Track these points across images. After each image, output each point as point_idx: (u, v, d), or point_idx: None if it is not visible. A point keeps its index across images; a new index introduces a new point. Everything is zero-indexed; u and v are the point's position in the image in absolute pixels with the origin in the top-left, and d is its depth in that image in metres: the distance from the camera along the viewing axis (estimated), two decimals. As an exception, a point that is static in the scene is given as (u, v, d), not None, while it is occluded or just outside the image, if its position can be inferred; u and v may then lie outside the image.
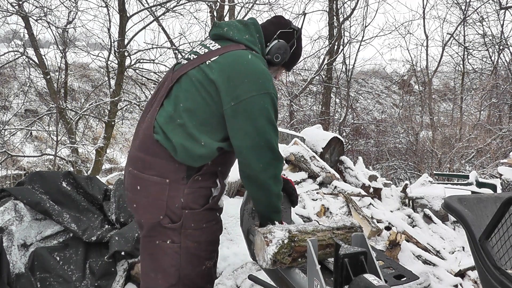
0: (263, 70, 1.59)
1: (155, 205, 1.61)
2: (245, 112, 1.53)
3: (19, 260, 2.44)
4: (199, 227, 1.64)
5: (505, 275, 1.62)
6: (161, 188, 1.59)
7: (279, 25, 1.78)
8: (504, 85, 12.90)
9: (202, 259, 1.69)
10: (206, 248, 1.69)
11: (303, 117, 12.58)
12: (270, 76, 1.60)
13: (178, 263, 1.65)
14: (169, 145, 1.58)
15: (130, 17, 8.28)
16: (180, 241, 1.63)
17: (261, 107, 1.54)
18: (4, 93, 10.90)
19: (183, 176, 1.59)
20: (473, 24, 13.27)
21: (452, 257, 3.52)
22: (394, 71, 16.59)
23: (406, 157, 12.14)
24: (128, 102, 9.50)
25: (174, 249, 1.64)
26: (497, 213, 1.61)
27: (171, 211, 1.60)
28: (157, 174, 1.60)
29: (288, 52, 1.76)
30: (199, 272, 1.69)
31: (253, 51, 1.66)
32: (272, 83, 1.60)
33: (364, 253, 1.36)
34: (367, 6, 11.66)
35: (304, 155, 4.18)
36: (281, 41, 1.74)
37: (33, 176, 2.76)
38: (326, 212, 3.66)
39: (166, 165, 1.59)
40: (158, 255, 1.68)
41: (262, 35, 1.72)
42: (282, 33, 1.76)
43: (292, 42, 1.78)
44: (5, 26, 8.29)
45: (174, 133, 1.58)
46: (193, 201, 1.62)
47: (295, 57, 1.83)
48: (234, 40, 1.65)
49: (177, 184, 1.59)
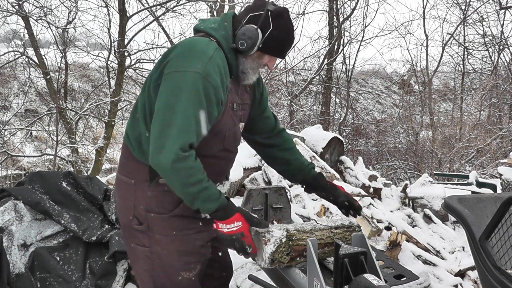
0: (199, 51, 1.43)
1: (125, 205, 1.60)
2: (161, 88, 1.42)
3: (19, 260, 2.44)
4: (168, 234, 1.55)
5: (505, 275, 1.62)
6: (128, 189, 1.58)
7: (252, 8, 1.55)
8: (504, 85, 12.89)
9: (176, 269, 1.59)
10: (179, 258, 1.58)
11: (303, 117, 12.57)
12: (206, 57, 1.42)
13: (151, 268, 1.60)
14: (129, 142, 1.58)
15: (130, 17, 8.28)
16: (150, 245, 1.58)
17: (172, 85, 1.40)
18: (4, 93, 10.90)
19: (146, 177, 1.53)
20: (473, 24, 13.26)
21: (452, 257, 3.51)
22: (394, 71, 16.57)
23: (406, 157, 12.13)
24: (128, 102, 9.51)
25: (145, 253, 1.59)
26: (497, 213, 1.61)
27: (137, 213, 1.56)
28: (126, 174, 1.60)
29: (258, 36, 1.50)
30: (176, 282, 1.60)
31: (212, 37, 1.52)
32: (206, 63, 1.41)
33: (364, 253, 1.36)
34: (367, 6, 11.64)
35: (304, 155, 4.17)
36: (248, 25, 1.51)
37: (33, 176, 2.75)
38: (326, 212, 3.66)
39: (131, 165, 1.58)
40: (133, 258, 1.67)
41: (230, 23, 1.56)
42: (253, 16, 1.52)
43: (266, 24, 1.51)
44: (5, 26, 8.31)
45: (131, 129, 1.57)
46: (157, 205, 1.54)
47: (277, 39, 1.54)
48: (201, 30, 1.58)
49: (141, 185, 1.55)
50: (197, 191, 1.41)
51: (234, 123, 1.62)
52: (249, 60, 1.56)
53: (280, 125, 1.93)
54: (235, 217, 1.49)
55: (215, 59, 1.44)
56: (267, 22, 1.51)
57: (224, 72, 1.48)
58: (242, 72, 1.58)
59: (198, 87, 1.39)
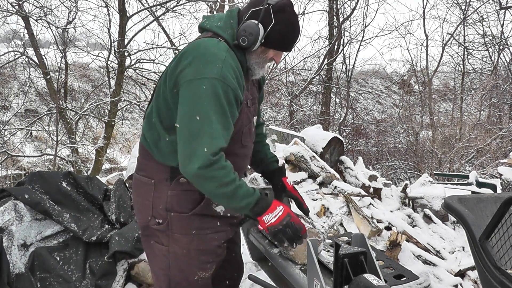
0: (211, 54, 1.42)
1: (144, 205, 1.61)
2: (181, 97, 1.42)
3: (19, 260, 2.43)
4: (187, 233, 1.57)
5: (505, 275, 1.62)
6: (148, 189, 1.58)
7: (254, 3, 1.52)
8: (504, 85, 12.89)
9: (193, 269, 1.61)
10: (197, 257, 1.60)
11: (303, 117, 12.57)
12: (219, 60, 1.42)
13: (167, 267, 1.61)
14: (147, 145, 1.59)
15: (130, 17, 8.28)
16: (168, 245, 1.59)
17: (192, 94, 1.39)
18: (4, 93, 10.90)
19: (166, 177, 1.55)
20: (473, 24, 13.26)
21: (452, 257, 3.51)
22: (394, 71, 16.56)
23: (406, 157, 12.13)
24: (128, 102, 9.51)
25: (162, 251, 1.61)
26: (497, 213, 1.61)
27: (157, 213, 1.57)
28: (146, 174, 1.60)
29: (259, 31, 1.48)
30: (192, 282, 1.61)
31: (220, 37, 1.52)
32: (221, 66, 1.41)
33: (364, 253, 1.36)
34: (367, 6, 11.65)
35: (304, 155, 4.17)
36: (249, 21, 1.49)
37: (33, 176, 2.75)
38: (326, 212, 3.66)
39: (151, 166, 1.59)
40: (151, 255, 1.68)
41: (236, 20, 1.55)
42: (254, 12, 1.50)
43: (267, 19, 1.49)
44: (5, 26, 8.30)
45: (149, 133, 1.58)
46: (178, 204, 1.55)
47: (279, 34, 1.51)
48: (207, 29, 1.57)
49: (161, 185, 1.56)
50: (233, 189, 1.41)
51: (249, 119, 1.64)
52: (254, 56, 1.55)
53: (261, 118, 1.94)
54: (274, 203, 1.50)
55: (229, 61, 1.44)
56: (269, 17, 1.49)
57: (239, 72, 1.49)
58: (248, 68, 1.58)
59: (218, 92, 1.39)
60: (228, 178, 1.41)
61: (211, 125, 1.38)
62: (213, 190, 1.41)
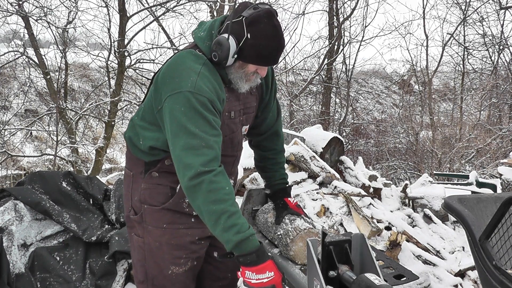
0: (187, 68, 1.42)
1: (126, 197, 1.69)
2: (164, 114, 1.44)
3: (19, 260, 2.44)
4: (159, 226, 1.59)
5: (505, 275, 1.62)
6: (128, 180, 1.67)
7: (233, 14, 1.46)
8: (504, 85, 12.89)
9: (166, 263, 1.62)
10: (169, 251, 1.60)
11: (303, 117, 12.58)
12: (192, 72, 1.41)
13: (143, 259, 1.65)
14: (127, 139, 1.66)
15: (130, 17, 8.28)
16: (144, 236, 1.63)
17: (171, 109, 1.40)
18: (4, 93, 10.90)
19: (141, 170, 1.61)
20: (473, 24, 13.26)
21: (452, 257, 3.51)
22: (394, 71, 16.56)
23: (406, 157, 12.13)
24: (128, 102, 9.50)
25: (139, 243, 1.66)
26: (497, 213, 1.61)
27: (134, 204, 1.64)
28: (128, 167, 1.69)
29: (229, 47, 1.41)
30: (167, 276, 1.63)
31: (198, 49, 1.51)
32: (195, 79, 1.40)
33: (348, 241, 1.40)
34: (367, 6, 11.65)
35: (304, 155, 4.18)
36: (221, 36, 1.44)
37: (33, 176, 2.76)
38: (326, 212, 3.66)
39: (131, 159, 1.66)
40: (132, 248, 1.73)
41: (216, 30, 1.51)
42: (228, 24, 1.44)
43: (240, 32, 1.41)
44: (5, 26, 8.29)
45: (130, 128, 1.65)
46: (150, 197, 1.59)
47: (254, 48, 1.43)
48: (193, 38, 1.57)
49: (137, 177, 1.62)
50: (220, 211, 1.31)
51: (232, 130, 1.62)
52: (232, 70, 1.50)
53: (280, 127, 1.88)
54: (267, 264, 1.34)
55: (204, 73, 1.43)
56: (241, 30, 1.41)
57: (217, 84, 1.47)
58: (230, 82, 1.55)
59: (193, 104, 1.38)
60: (215, 196, 1.33)
61: (194, 137, 1.37)
62: (201, 205, 1.34)
